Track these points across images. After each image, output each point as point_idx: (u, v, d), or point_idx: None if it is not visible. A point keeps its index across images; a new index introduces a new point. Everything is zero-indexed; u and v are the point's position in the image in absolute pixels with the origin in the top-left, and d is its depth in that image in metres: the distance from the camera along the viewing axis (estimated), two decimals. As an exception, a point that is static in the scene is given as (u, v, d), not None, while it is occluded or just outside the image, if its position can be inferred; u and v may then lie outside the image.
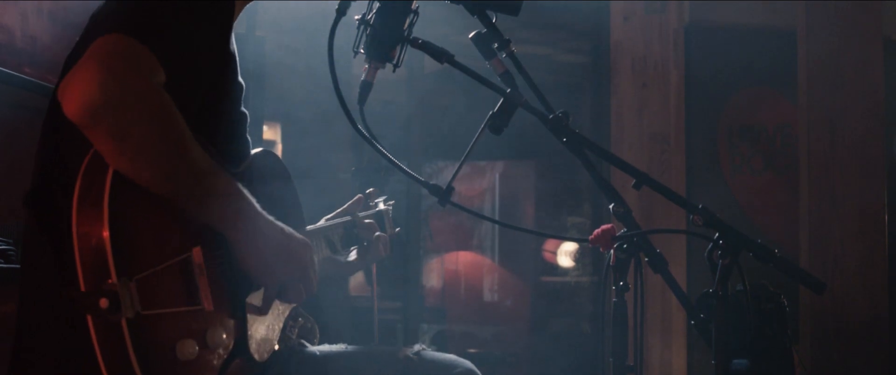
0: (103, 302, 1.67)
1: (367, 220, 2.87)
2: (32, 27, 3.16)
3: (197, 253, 1.89)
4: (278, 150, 5.68)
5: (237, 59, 2.18)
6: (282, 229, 2.11)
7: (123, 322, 1.69)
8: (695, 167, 5.69)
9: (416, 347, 2.60)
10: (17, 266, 2.58)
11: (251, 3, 2.26)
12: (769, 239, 5.46)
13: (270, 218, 2.08)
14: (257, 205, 2.04)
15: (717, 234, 2.20)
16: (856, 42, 5.46)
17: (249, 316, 2.09)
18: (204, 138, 1.93)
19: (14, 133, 2.98)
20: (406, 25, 2.35)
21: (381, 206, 3.03)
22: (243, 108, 2.25)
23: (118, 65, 1.77)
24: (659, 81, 5.65)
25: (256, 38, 5.05)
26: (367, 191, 2.99)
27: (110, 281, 1.68)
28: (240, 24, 2.15)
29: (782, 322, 2.52)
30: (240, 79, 2.21)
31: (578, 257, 7.27)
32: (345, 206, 2.90)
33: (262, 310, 2.11)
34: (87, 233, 1.70)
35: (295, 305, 2.38)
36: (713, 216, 2.23)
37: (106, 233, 1.69)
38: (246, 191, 2.01)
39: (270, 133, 5.75)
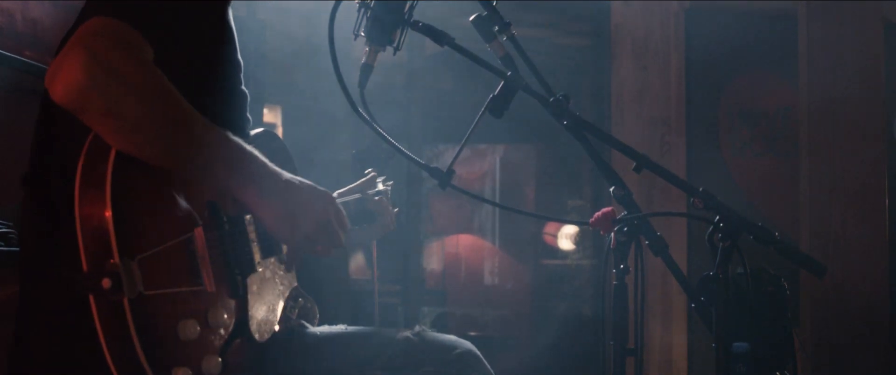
0: (106, 283, 1.67)
1: (376, 198, 2.89)
2: (33, 10, 3.16)
3: (199, 234, 1.90)
4: (279, 133, 5.67)
5: (236, 36, 2.18)
6: (299, 183, 2.12)
7: (126, 302, 1.69)
8: (695, 150, 5.69)
9: (417, 328, 2.60)
10: (17, 248, 2.58)
11: None
12: (770, 222, 5.46)
13: (285, 174, 2.09)
14: (270, 164, 2.05)
15: (717, 217, 2.20)
16: (856, 25, 5.46)
17: (250, 297, 2.10)
18: (203, 116, 1.93)
19: (15, 115, 2.98)
20: (407, 8, 2.35)
21: (381, 187, 3.04)
22: (244, 88, 2.25)
23: (100, 45, 1.78)
24: (659, 64, 5.64)
25: (258, 22, 5.04)
26: (367, 172, 3.00)
27: (112, 261, 1.69)
28: (241, 8, 2.14)
29: (783, 305, 2.52)
30: (239, 57, 2.21)
31: (579, 240, 7.28)
32: (354, 185, 2.91)
33: (289, 266, 2.14)
34: (90, 214, 1.70)
35: (295, 286, 2.38)
36: (714, 199, 2.23)
37: (108, 213, 1.70)
38: (256, 152, 2.02)
39: (271, 116, 5.75)
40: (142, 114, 1.79)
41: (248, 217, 2.11)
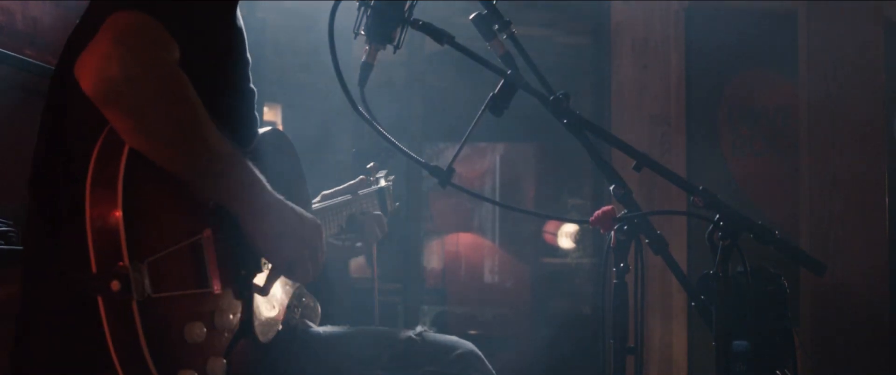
0: (115, 285, 1.67)
1: (366, 203, 2.88)
2: (33, 9, 3.16)
3: (207, 236, 1.89)
4: (278, 132, 5.66)
5: (245, 33, 2.18)
6: (292, 209, 2.11)
7: (134, 305, 1.69)
8: (695, 148, 5.68)
9: (419, 328, 2.60)
10: (18, 247, 2.58)
11: None
12: (770, 220, 5.45)
13: (280, 197, 2.08)
14: (267, 185, 2.04)
15: (717, 216, 2.19)
16: (856, 23, 5.45)
17: (255, 297, 2.09)
18: (214, 115, 1.93)
19: (14, 115, 2.98)
20: (407, 7, 2.35)
21: (382, 183, 3.04)
22: (252, 85, 2.25)
23: (135, 41, 1.77)
24: (660, 63, 5.64)
25: (258, 20, 5.04)
26: (368, 166, 3.00)
27: (122, 263, 1.68)
28: (241, 7, 2.14)
29: (783, 303, 2.52)
30: (247, 54, 2.21)
31: (579, 239, 7.27)
32: (346, 185, 2.90)
33: (265, 289, 2.11)
34: (101, 215, 1.70)
35: (299, 285, 2.38)
36: (714, 197, 2.23)
37: (119, 214, 1.69)
38: (257, 172, 2.01)
39: (270, 114, 5.74)
40: (164, 116, 1.79)
41: None
